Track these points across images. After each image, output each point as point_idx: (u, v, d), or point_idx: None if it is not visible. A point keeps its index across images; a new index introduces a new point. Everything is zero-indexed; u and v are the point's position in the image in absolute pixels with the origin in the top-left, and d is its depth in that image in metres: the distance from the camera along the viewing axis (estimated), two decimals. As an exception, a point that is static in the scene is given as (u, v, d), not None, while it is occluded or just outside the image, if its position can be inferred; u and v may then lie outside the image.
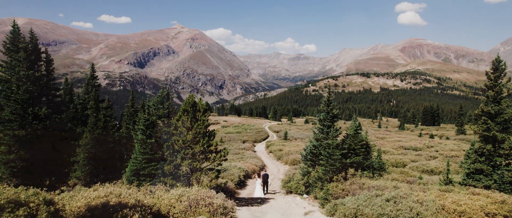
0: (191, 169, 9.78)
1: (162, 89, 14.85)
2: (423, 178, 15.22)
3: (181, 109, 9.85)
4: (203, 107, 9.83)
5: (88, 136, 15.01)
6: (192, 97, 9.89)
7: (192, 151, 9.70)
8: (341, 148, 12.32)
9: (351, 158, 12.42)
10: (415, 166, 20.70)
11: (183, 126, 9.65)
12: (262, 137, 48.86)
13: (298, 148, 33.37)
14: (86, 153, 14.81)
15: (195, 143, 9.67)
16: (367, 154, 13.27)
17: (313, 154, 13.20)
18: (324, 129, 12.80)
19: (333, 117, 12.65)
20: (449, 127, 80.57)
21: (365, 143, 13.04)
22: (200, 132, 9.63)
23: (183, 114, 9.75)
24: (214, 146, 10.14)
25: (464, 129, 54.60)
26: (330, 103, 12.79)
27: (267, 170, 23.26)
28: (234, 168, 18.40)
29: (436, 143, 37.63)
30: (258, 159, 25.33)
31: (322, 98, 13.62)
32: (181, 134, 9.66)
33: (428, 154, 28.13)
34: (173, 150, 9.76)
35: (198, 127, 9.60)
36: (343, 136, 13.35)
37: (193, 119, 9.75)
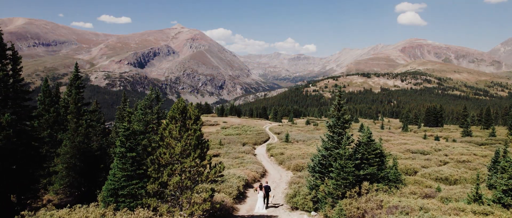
0: (181, 187, 8.32)
1: (151, 91, 13.37)
2: (442, 189, 13.80)
3: (168, 116, 8.39)
4: (194, 114, 8.36)
5: (67, 143, 13.43)
6: (181, 102, 8.42)
7: (181, 166, 8.25)
8: (354, 159, 10.89)
9: (365, 169, 11.00)
10: (428, 173, 19.25)
11: (170, 136, 8.22)
12: (262, 139, 47.44)
13: (300, 151, 31.95)
14: (65, 163, 13.25)
15: (185, 156, 8.22)
16: (382, 164, 11.86)
17: (322, 165, 11.75)
18: (334, 136, 11.36)
19: (344, 122, 11.22)
20: (452, 128, 79.07)
21: (379, 152, 11.62)
22: (191, 143, 8.18)
23: (170, 122, 8.31)
24: (208, 159, 8.66)
25: (470, 130, 53.15)
26: (341, 107, 11.36)
27: (268, 177, 21.83)
28: (233, 177, 16.93)
29: (444, 146, 36.17)
30: (258, 165, 23.89)
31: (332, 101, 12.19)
32: (168, 145, 8.21)
33: (438, 158, 26.70)
34: (159, 165, 8.30)
35: (189, 137, 8.14)
36: (354, 143, 11.91)
37: (182, 127, 8.31)
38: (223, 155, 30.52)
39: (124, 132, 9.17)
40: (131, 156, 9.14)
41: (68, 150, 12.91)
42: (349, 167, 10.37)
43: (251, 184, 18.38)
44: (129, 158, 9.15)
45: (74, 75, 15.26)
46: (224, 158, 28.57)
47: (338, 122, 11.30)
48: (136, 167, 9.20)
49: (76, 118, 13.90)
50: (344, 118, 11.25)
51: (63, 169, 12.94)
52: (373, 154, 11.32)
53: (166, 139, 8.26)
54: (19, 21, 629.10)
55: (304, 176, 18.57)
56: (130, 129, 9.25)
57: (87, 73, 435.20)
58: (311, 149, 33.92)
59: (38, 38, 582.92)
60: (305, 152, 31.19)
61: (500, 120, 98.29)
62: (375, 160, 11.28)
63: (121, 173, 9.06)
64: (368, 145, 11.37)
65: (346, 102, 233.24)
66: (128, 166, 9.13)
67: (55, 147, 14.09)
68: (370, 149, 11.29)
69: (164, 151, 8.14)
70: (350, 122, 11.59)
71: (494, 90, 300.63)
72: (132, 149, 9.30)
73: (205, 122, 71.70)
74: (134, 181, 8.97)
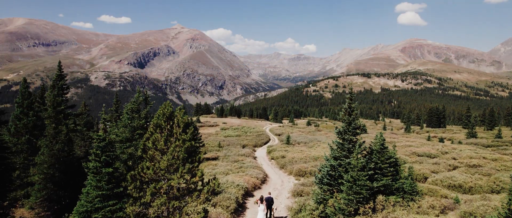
0: (167, 209, 7.12)
1: (138, 93, 12.12)
2: (460, 199, 12.63)
3: (151, 124, 7.19)
4: (183, 122, 7.14)
5: (45, 151, 12.12)
6: (168, 107, 7.22)
7: (167, 183, 7.06)
8: (367, 169, 9.69)
9: (378, 180, 9.83)
10: (439, 179, 18.04)
11: (154, 148, 7.05)
12: (263, 140, 46.26)
13: (302, 154, 30.76)
14: (41, 174, 11.90)
15: (172, 171, 7.03)
16: (396, 174, 10.69)
17: (331, 176, 10.54)
18: (344, 144, 10.17)
19: (356, 128, 10.03)
20: (456, 129, 77.87)
21: (394, 161, 10.45)
22: (179, 156, 7.00)
23: (154, 131, 7.11)
24: (200, 176, 7.41)
25: (475, 132, 51.91)
26: (352, 111, 10.18)
27: (269, 183, 20.65)
28: (231, 185, 15.71)
29: (450, 148, 34.96)
30: (259, 169, 22.69)
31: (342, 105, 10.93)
32: (153, 159, 7.03)
33: (446, 162, 25.50)
34: (141, 182, 7.10)
35: (177, 149, 6.96)
36: (366, 151, 10.71)
37: (169, 137, 7.12)
38: (222, 158, 29.36)
39: (98, 142, 7.90)
40: (107, 172, 7.85)
41: (45, 158, 11.58)
42: (363, 180, 9.20)
43: (251, 192, 17.17)
44: (104, 174, 7.87)
45: (57, 75, 13.97)
46: (223, 162, 27.40)
47: (349, 128, 10.12)
48: (113, 184, 7.90)
49: (54, 122, 12.55)
50: (355, 123, 10.07)
51: (39, 180, 11.64)
52: (386, 163, 10.15)
53: (149, 151, 7.04)
54: (19, 21, 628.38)
55: (308, 183, 17.39)
56: (106, 139, 7.99)
57: (87, 73, 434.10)
58: (313, 152, 32.74)
59: (38, 38, 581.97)
60: (307, 155, 30.01)
61: (503, 120, 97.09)
62: (389, 170, 10.12)
63: (95, 192, 7.75)
64: (381, 153, 10.21)
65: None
66: (104, 183, 7.82)
67: (34, 155, 12.85)
68: (383, 157, 10.13)
69: (148, 165, 6.91)
70: (363, 127, 10.43)
71: (494, 90, 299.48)
72: (108, 163, 8.01)
73: (204, 122, 70.48)
74: (111, 202, 7.63)
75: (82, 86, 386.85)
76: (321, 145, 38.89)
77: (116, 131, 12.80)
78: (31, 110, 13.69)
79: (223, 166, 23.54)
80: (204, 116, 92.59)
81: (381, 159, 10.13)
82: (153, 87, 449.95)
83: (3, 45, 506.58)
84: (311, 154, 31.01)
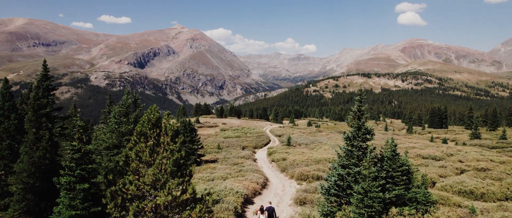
0: (153, 230, 6.26)
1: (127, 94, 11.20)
2: (475, 209, 11.79)
3: (135, 131, 6.29)
4: (172, 129, 6.24)
5: (24, 159, 11.15)
6: (154, 112, 6.30)
7: (153, 202, 6.18)
8: (379, 179, 8.84)
9: (390, 190, 9.00)
10: (448, 184, 17.18)
11: (138, 160, 6.18)
12: (263, 142, 45.42)
13: (303, 156, 29.92)
14: (20, 184, 10.92)
15: (159, 187, 6.14)
16: (409, 182, 9.85)
17: (338, 187, 9.69)
18: (353, 151, 9.32)
19: (366, 133, 9.18)
20: (458, 129, 77.03)
21: (406, 169, 9.61)
22: (167, 170, 6.11)
23: (138, 140, 6.23)
24: (191, 192, 6.45)
25: (478, 132, 51.04)
26: (361, 114, 9.33)
27: (270, 187, 19.79)
28: (230, 193, 14.84)
29: (455, 150, 34.12)
30: (259, 173, 21.83)
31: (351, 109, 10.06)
32: (136, 172, 6.16)
33: (453, 165, 24.65)
34: (123, 200, 6.21)
35: (164, 161, 6.07)
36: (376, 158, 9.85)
37: (155, 147, 6.24)
38: (221, 161, 28.54)
39: (72, 154, 6.98)
40: (83, 188, 6.92)
41: (25, 167, 10.61)
42: (375, 191, 8.37)
43: (251, 198, 16.31)
44: (79, 191, 6.92)
45: (42, 75, 12.99)
46: (222, 164, 26.58)
47: (359, 133, 9.27)
48: (90, 203, 6.98)
49: (35, 127, 11.56)
50: (365, 128, 9.23)
51: (18, 190, 10.68)
52: (399, 171, 9.32)
53: (132, 163, 6.15)
54: (19, 21, 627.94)
55: (311, 189, 16.53)
56: (82, 149, 7.09)
57: (87, 73, 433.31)
58: (314, 154, 31.91)
59: (38, 38, 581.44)
60: (309, 158, 29.17)
61: (504, 121, 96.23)
62: (401, 178, 9.28)
63: (68, 211, 6.77)
64: (392, 160, 9.37)
65: (347, 102, 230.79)
66: (79, 202, 6.83)
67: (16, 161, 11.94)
68: (395, 165, 9.30)
69: (130, 179, 6.02)
70: (373, 132, 9.59)
71: (495, 90, 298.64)
72: (84, 178, 7.07)
73: (203, 123, 69.64)
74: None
75: (82, 86, 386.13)
76: (322, 147, 38.06)
77: (103, 136, 11.93)
78: (14, 112, 12.79)
79: (222, 170, 22.70)
80: (203, 116, 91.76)
81: (392, 166, 9.30)
82: (153, 87, 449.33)
83: (3, 45, 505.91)
84: (313, 156, 30.18)
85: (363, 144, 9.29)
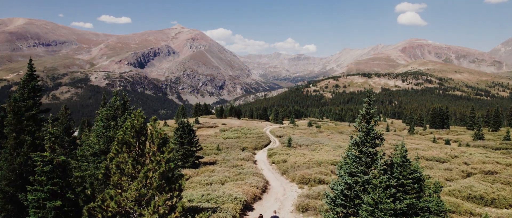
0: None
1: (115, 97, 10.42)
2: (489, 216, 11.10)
3: (116, 140, 5.53)
4: (159, 137, 5.49)
5: (4, 166, 10.36)
6: (138, 117, 5.54)
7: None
8: (391, 189, 8.14)
9: (401, 200, 8.31)
10: (457, 189, 16.49)
11: (120, 173, 5.45)
12: (263, 143, 44.72)
13: (304, 158, 29.24)
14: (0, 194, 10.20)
15: (144, 204, 5.38)
16: (420, 190, 9.17)
17: (345, 197, 8.99)
18: (362, 157, 8.63)
19: (376, 138, 8.50)
20: (459, 130, 76.35)
21: (418, 176, 8.92)
22: (153, 184, 5.35)
23: (120, 149, 5.47)
24: (180, 210, 5.60)
25: (481, 133, 50.33)
26: (370, 117, 8.65)
27: (270, 191, 19.09)
28: (228, 199, 14.14)
29: (459, 151, 33.44)
30: (259, 176, 21.14)
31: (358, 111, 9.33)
32: (118, 186, 5.43)
33: (459, 167, 23.97)
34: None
35: (149, 174, 5.32)
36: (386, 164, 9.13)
37: (140, 158, 5.49)
38: (220, 163, 27.86)
39: (43, 166, 6.13)
40: (54, 206, 6.08)
41: (4, 174, 9.85)
42: (387, 203, 7.68)
43: (251, 204, 15.60)
44: (50, 210, 6.08)
45: (27, 75, 12.21)
46: (221, 167, 25.90)
47: (367, 138, 8.58)
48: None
49: (15, 131, 10.77)
50: (375, 132, 8.54)
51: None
52: (410, 178, 8.63)
53: (113, 177, 5.41)
54: (19, 21, 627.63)
55: (313, 194, 15.83)
56: (54, 161, 6.27)
57: (87, 73, 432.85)
58: (316, 155, 31.24)
59: (38, 38, 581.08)
60: (310, 159, 28.50)
61: (505, 121, 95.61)
62: (412, 187, 8.60)
63: None
64: (403, 166, 8.69)
65: (347, 102, 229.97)
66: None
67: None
68: (406, 172, 8.61)
69: (111, 194, 5.27)
70: (383, 137, 8.88)
71: (495, 90, 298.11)
72: (56, 194, 6.20)
73: (203, 123, 68.96)
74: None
75: (82, 86, 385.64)
76: (323, 148, 37.39)
77: (89, 141, 11.20)
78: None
79: (221, 172, 22.02)
80: (203, 116, 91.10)
81: (403, 173, 8.62)
82: (153, 87, 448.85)
83: (3, 45, 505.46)
84: (314, 157, 29.51)
85: (372, 150, 8.61)
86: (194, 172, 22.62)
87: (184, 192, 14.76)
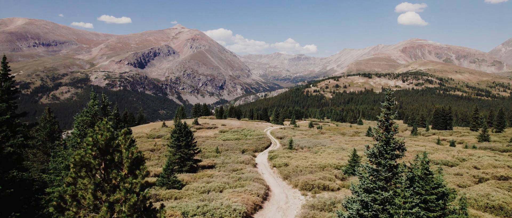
0: None
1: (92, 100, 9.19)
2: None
3: (72, 160, 4.31)
4: (130, 157, 4.23)
5: None
6: (103, 129, 4.32)
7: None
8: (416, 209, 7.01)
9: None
10: (473, 198, 15.36)
11: (77, 205, 4.25)
12: (263, 145, 43.58)
13: (307, 162, 28.13)
14: None
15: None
16: (444, 207, 8.05)
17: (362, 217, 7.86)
18: (380, 171, 7.51)
19: (396, 148, 7.38)
20: (463, 131, 75.18)
21: (442, 191, 7.79)
22: (124, 212, 4.10)
23: (78, 173, 4.25)
24: None
25: (487, 135, 49.19)
26: (390, 125, 7.53)
27: (272, 199, 17.96)
28: (226, 211, 12.97)
29: (467, 154, 32.30)
30: (260, 182, 20.01)
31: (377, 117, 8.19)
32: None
33: (469, 172, 22.83)
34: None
35: (117, 208, 4.10)
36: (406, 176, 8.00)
37: (105, 184, 4.32)
38: (219, 167, 26.75)
39: None
40: None
41: None
42: (413, 227, 6.56)
43: (251, 215, 14.47)
44: None
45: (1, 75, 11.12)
46: (220, 171, 24.79)
47: (387, 148, 7.46)
48: None
49: None
50: (395, 142, 7.43)
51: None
52: (433, 193, 7.52)
53: (68, 211, 4.20)
54: (19, 21, 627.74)
55: (318, 205, 14.70)
56: None
57: (87, 73, 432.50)
58: (318, 159, 30.13)
59: (38, 38, 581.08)
60: (313, 163, 27.39)
61: (507, 122, 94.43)
62: (437, 203, 7.49)
63: None
64: (425, 180, 7.58)
65: (348, 102, 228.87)
66: None
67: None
68: (429, 186, 7.50)
69: None
70: (404, 147, 7.73)
71: (496, 90, 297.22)
72: None
73: (202, 124, 67.87)
74: None
75: (82, 86, 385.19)
76: (326, 150, 36.27)
77: (63, 152, 10.04)
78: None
79: (220, 177, 20.91)
80: (202, 117, 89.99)
81: (425, 188, 7.51)
82: (153, 87, 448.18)
83: (3, 45, 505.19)
84: (317, 161, 28.41)
85: (393, 162, 7.49)
86: (192, 177, 21.51)
87: (179, 202, 13.66)
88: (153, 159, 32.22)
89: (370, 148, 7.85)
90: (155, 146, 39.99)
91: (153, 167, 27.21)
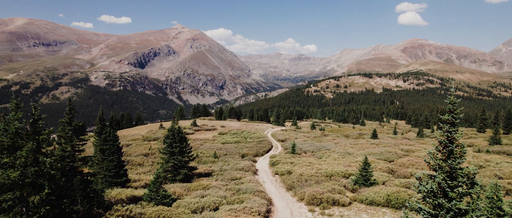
0: None
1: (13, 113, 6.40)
2: None
3: None
4: None
5: None
6: None
7: None
8: None
9: None
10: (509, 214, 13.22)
11: None
12: (264, 148, 41.40)
13: (311, 169, 25.95)
14: None
15: None
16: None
17: None
18: (440, 213, 5.29)
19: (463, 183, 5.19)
20: (470, 133, 72.90)
21: None
22: None
23: None
24: None
25: (499, 138, 46.95)
26: (452, 149, 5.33)
27: (275, 214, 15.80)
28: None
29: (483, 160, 30.11)
30: (261, 196, 17.82)
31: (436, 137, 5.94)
32: None
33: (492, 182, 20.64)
34: None
35: None
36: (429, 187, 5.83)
37: None
38: (217, 175, 24.58)
39: None
40: None
41: None
42: None
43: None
44: None
45: None
46: (217, 180, 22.63)
47: (452, 184, 5.26)
48: None
49: None
50: (463, 173, 5.25)
51: None
52: None
53: None
54: (19, 21, 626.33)
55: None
56: None
57: (87, 73, 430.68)
58: (324, 165, 27.96)
59: (38, 38, 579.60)
60: (318, 170, 25.22)
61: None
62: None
63: None
64: None
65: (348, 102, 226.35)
66: None
67: None
68: None
69: None
70: (476, 181, 5.54)
71: (497, 90, 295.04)
72: None
73: (201, 126, 65.67)
74: None
75: (82, 86, 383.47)
76: (331, 155, 34.10)
77: None
78: None
79: (216, 190, 18.73)
80: (201, 118, 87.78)
81: None
82: (153, 87, 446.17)
83: (3, 45, 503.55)
84: (322, 168, 26.24)
85: (461, 205, 5.28)
86: (185, 188, 19.34)
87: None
88: (146, 165, 30.05)
89: (425, 183, 5.59)
90: (150, 149, 37.83)
91: (144, 175, 25.03)
